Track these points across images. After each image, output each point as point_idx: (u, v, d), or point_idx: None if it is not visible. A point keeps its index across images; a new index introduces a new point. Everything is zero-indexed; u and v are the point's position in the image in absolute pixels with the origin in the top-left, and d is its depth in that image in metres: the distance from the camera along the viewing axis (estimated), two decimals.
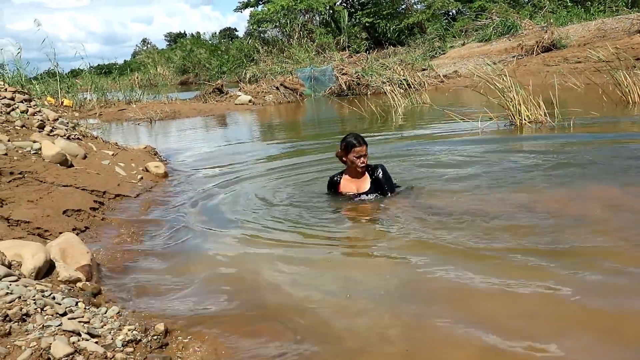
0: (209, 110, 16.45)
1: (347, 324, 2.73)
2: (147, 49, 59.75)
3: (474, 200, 4.70)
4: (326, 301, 3.03)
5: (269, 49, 29.99)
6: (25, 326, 2.40)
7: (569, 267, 3.16)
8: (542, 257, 3.33)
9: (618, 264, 3.15)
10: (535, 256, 3.35)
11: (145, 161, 6.93)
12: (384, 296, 3.02)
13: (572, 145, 6.84)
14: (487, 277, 3.11)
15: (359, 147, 4.85)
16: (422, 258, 3.47)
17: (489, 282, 3.05)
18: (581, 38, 19.09)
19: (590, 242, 3.56)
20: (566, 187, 4.95)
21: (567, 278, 3.03)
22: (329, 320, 2.79)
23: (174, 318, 2.84)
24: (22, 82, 13.09)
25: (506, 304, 2.83)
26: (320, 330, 2.69)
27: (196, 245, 4.14)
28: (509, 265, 3.27)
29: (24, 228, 3.99)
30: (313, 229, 4.27)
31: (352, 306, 2.93)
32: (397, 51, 26.33)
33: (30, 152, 5.44)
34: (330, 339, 2.61)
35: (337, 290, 3.16)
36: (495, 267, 3.27)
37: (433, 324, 2.67)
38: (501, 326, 2.60)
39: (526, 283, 2.99)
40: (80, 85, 18.64)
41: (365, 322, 2.74)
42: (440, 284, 3.12)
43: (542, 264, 3.24)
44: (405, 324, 2.71)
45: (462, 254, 3.52)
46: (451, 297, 2.95)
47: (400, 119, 10.89)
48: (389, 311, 2.85)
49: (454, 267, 3.29)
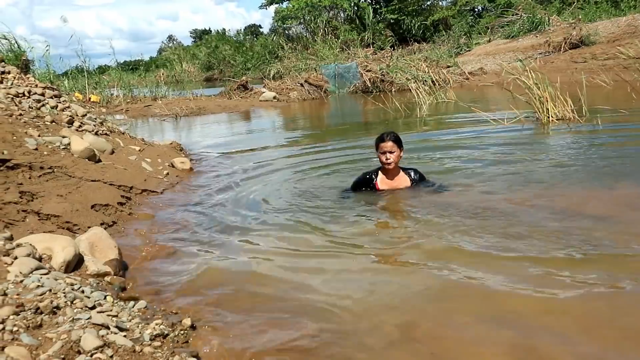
0: (233, 107, 16.53)
1: (373, 323, 2.73)
2: (172, 45, 60.19)
3: (501, 200, 4.64)
4: (351, 300, 3.03)
5: (294, 45, 30.01)
6: (56, 319, 2.44)
7: (599, 268, 3.12)
8: (569, 258, 3.30)
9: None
10: (563, 258, 3.32)
11: (171, 157, 7.00)
12: (410, 296, 3.02)
13: (600, 144, 6.74)
14: (516, 278, 3.09)
15: (383, 143, 4.89)
16: (449, 261, 3.44)
17: (517, 283, 3.03)
18: (610, 34, 18.75)
19: (621, 244, 3.51)
20: (594, 186, 4.88)
21: (597, 279, 3.00)
22: (352, 320, 2.79)
23: (200, 314, 2.87)
24: (51, 79, 13.30)
25: (534, 304, 2.81)
26: (344, 328, 2.70)
27: (222, 242, 4.16)
28: (538, 267, 3.23)
29: (54, 222, 4.06)
30: (337, 235, 4.15)
31: (378, 306, 2.93)
32: (422, 48, 26.17)
33: (59, 147, 5.52)
34: (353, 336, 2.61)
35: (361, 291, 3.16)
36: (522, 269, 3.24)
37: (460, 323, 2.66)
38: (529, 324, 2.59)
39: (555, 285, 2.96)
40: (108, 81, 18.88)
41: (391, 320, 2.74)
42: (467, 285, 3.10)
43: (568, 265, 3.21)
44: (432, 322, 2.70)
45: (488, 255, 3.49)
46: (478, 297, 2.94)
47: (425, 115, 10.82)
48: (415, 310, 2.85)
49: (481, 269, 3.27)
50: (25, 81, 6.78)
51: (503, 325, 2.60)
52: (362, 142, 8.44)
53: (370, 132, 9.51)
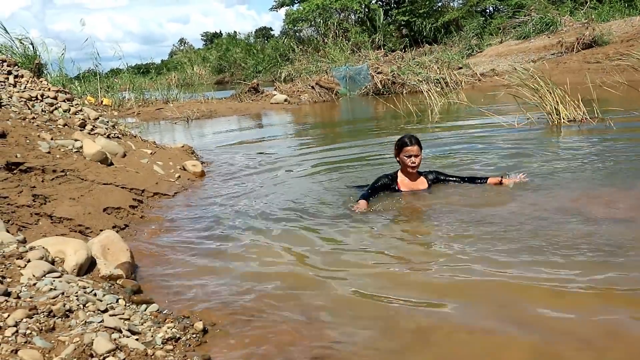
0: (244, 110, 16.57)
1: (388, 325, 2.72)
2: (184, 48, 60.49)
3: (519, 205, 4.59)
4: (367, 302, 3.02)
5: (304, 48, 30.01)
6: (69, 322, 2.45)
7: (620, 269, 3.11)
8: (592, 262, 3.27)
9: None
10: (587, 262, 3.30)
11: (182, 160, 7.01)
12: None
13: (612, 145, 6.68)
14: (537, 281, 3.08)
15: (410, 146, 4.98)
16: (474, 264, 3.43)
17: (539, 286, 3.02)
18: (624, 34, 18.59)
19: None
20: (608, 189, 4.84)
21: (618, 280, 2.98)
22: (368, 323, 2.78)
23: (213, 317, 2.87)
24: (64, 82, 13.40)
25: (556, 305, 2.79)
26: (357, 331, 2.69)
27: (235, 245, 4.16)
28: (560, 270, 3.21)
29: (66, 225, 4.09)
30: (353, 243, 4.12)
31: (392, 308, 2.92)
32: (434, 49, 26.09)
33: (72, 151, 5.56)
34: (367, 340, 2.60)
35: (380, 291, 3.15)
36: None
37: (481, 327, 2.65)
38: (551, 327, 2.57)
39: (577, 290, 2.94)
40: (119, 84, 18.99)
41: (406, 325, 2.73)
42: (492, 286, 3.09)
43: (591, 269, 3.18)
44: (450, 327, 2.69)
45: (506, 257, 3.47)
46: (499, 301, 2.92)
47: (436, 117, 10.78)
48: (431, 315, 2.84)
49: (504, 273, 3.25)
50: (38, 85, 6.83)
51: (526, 330, 2.58)
52: (372, 143, 8.44)
53: (382, 134, 9.52)
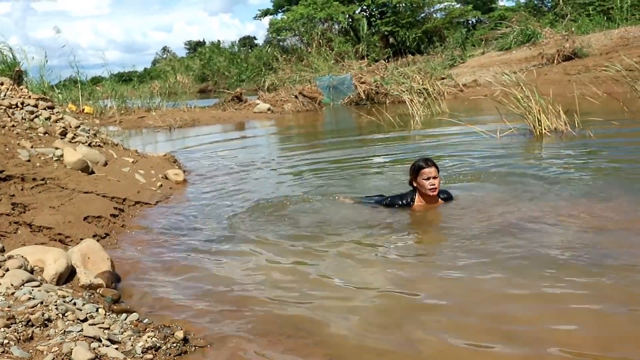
0: (227, 118, 16.53)
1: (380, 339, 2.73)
2: (167, 57, 60.23)
3: (506, 214, 4.61)
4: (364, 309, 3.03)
5: (288, 57, 30.08)
6: (47, 331, 2.43)
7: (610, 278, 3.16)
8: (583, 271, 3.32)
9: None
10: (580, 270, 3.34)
11: (164, 168, 6.98)
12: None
13: (591, 156, 6.79)
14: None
15: (428, 168, 4.74)
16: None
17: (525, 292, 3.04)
18: (603, 47, 18.88)
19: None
20: (588, 199, 4.89)
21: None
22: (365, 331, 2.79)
23: (193, 326, 2.85)
24: (45, 90, 13.28)
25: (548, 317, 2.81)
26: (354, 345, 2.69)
27: (215, 254, 4.15)
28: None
29: (46, 234, 4.05)
30: (334, 248, 4.18)
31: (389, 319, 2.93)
32: (417, 60, 26.27)
33: (52, 159, 5.51)
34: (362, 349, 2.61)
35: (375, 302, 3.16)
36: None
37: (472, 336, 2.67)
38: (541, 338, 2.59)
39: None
40: (101, 92, 18.85)
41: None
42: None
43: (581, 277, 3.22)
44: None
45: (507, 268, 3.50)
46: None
47: (419, 127, 10.85)
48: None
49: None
50: (18, 92, 6.77)
51: (516, 341, 2.59)
52: (355, 153, 8.49)
53: (366, 141, 9.56)
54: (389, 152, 8.55)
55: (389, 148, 9.02)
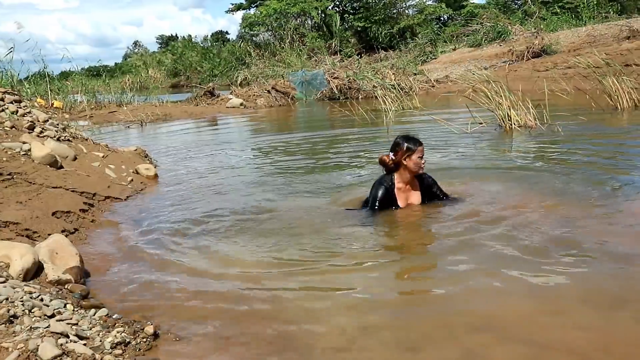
0: (200, 113, 16.40)
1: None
2: (139, 51, 59.44)
3: (487, 209, 4.62)
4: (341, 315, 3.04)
5: (261, 52, 29.95)
6: (13, 328, 2.39)
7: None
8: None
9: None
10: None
11: (135, 163, 6.91)
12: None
13: (559, 150, 6.91)
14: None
15: (421, 146, 4.48)
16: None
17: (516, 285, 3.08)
18: (571, 44, 19.21)
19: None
20: (554, 191, 4.99)
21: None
22: (345, 329, 2.80)
23: (163, 321, 2.83)
24: (13, 83, 13.01)
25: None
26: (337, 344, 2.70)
27: (187, 249, 4.12)
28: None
29: (13, 229, 3.97)
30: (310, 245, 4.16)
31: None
32: (389, 55, 26.37)
33: (19, 153, 5.41)
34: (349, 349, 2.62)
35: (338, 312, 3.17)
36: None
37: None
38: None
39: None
40: (71, 87, 18.53)
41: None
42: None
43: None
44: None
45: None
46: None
47: (390, 122, 10.90)
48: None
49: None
50: None
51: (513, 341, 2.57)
52: (328, 147, 8.50)
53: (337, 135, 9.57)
54: (361, 147, 8.58)
55: (362, 142, 9.05)
